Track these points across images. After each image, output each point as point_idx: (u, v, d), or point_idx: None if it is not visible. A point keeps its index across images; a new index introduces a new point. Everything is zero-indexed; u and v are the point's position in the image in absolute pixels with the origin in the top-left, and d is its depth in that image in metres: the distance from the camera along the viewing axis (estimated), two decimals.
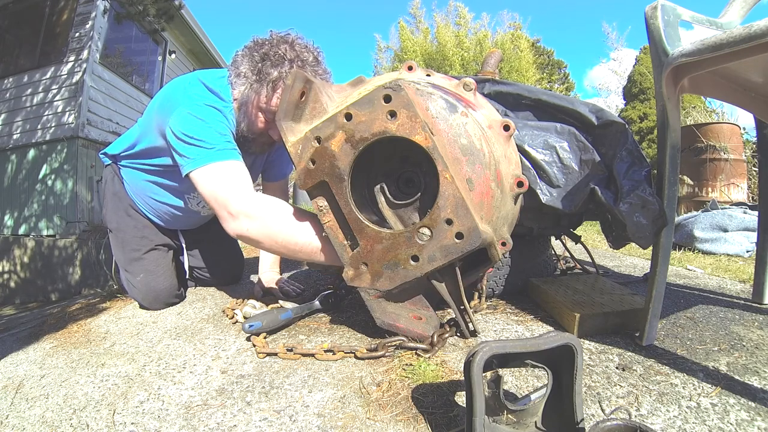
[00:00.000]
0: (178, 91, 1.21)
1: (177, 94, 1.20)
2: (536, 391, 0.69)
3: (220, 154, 1.10)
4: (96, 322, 1.38)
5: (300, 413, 0.78)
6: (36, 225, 5.02)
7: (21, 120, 5.15)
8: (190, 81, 1.23)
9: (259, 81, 1.13)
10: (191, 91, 1.18)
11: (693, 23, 0.97)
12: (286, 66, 1.11)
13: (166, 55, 6.83)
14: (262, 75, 1.12)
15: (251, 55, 1.14)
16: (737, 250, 2.15)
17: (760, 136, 1.25)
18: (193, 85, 1.20)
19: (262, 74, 1.12)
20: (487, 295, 1.27)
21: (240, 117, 1.21)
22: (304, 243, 1.04)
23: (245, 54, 1.16)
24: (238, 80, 1.17)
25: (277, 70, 1.10)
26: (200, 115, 1.13)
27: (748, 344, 0.99)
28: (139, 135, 1.36)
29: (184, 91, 1.19)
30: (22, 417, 0.83)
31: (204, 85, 1.19)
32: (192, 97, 1.16)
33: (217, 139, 1.12)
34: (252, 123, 1.20)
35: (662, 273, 0.95)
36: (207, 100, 1.17)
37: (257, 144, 1.27)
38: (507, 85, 1.20)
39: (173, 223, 1.53)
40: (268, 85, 1.12)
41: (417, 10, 10.05)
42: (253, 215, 1.03)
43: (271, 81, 1.11)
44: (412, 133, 0.87)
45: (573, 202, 1.07)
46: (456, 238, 0.88)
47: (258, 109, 1.17)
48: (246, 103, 1.18)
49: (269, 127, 1.21)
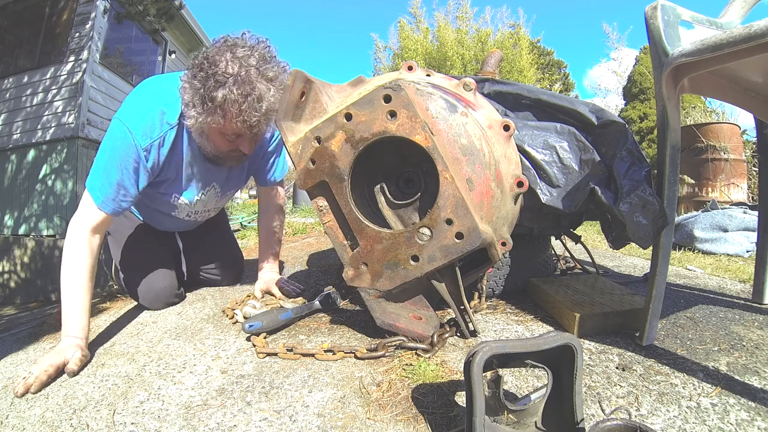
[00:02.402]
0: (129, 97, 1.20)
1: (126, 100, 1.20)
2: (536, 391, 0.69)
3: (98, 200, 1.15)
4: (96, 322, 1.38)
5: (300, 413, 0.78)
6: (36, 225, 5.02)
7: (21, 120, 5.15)
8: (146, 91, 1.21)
9: (206, 111, 1.08)
10: (132, 105, 1.17)
11: (693, 23, 0.97)
12: (230, 83, 1.04)
13: (166, 55, 6.83)
14: (207, 103, 1.07)
15: (191, 83, 1.08)
16: (737, 250, 2.15)
17: (760, 136, 1.25)
18: (141, 98, 1.19)
19: (207, 102, 1.06)
20: (487, 295, 1.27)
21: (202, 142, 1.21)
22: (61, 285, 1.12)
23: (187, 80, 1.10)
24: (186, 110, 1.12)
25: (221, 92, 1.04)
26: (110, 145, 1.14)
27: (748, 344, 0.99)
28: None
29: (129, 100, 1.18)
30: (22, 417, 0.83)
31: (153, 106, 1.17)
32: (126, 111, 1.15)
33: (110, 172, 1.14)
34: (216, 147, 1.20)
35: (662, 273, 0.95)
36: (135, 122, 1.14)
37: (229, 159, 1.28)
38: (507, 85, 1.20)
39: (168, 226, 1.53)
40: (216, 111, 1.08)
41: (417, 9, 10.06)
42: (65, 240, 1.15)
43: (218, 107, 1.06)
44: (412, 133, 0.87)
45: (573, 202, 1.07)
46: (456, 238, 0.88)
47: (217, 133, 1.16)
48: (202, 131, 1.16)
49: (237, 144, 1.20)
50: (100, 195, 1.14)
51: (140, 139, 1.15)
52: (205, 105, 1.07)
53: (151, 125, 1.17)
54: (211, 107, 1.07)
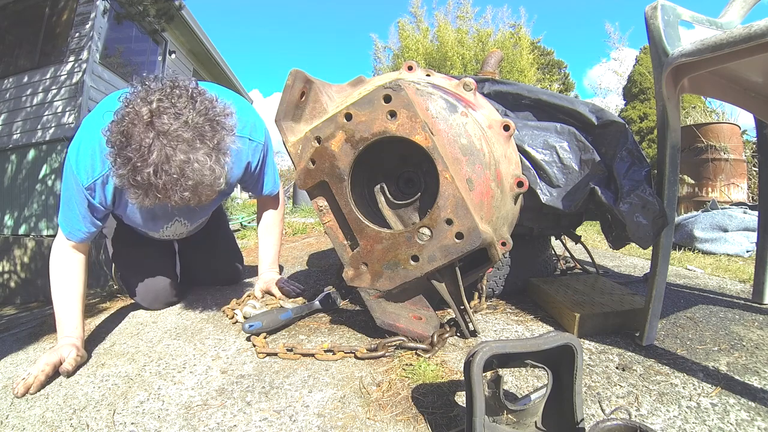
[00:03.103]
0: (79, 128, 1.14)
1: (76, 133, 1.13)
2: (536, 391, 0.69)
3: (65, 231, 1.17)
4: (96, 322, 1.38)
5: (300, 413, 0.78)
6: (36, 225, 5.02)
7: (21, 120, 5.15)
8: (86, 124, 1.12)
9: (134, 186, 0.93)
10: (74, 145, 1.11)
11: (693, 23, 0.97)
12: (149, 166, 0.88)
13: (166, 55, 6.82)
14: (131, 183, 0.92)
15: (113, 157, 0.93)
16: (737, 250, 2.15)
17: (760, 136, 1.25)
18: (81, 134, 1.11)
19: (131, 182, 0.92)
20: (487, 295, 1.27)
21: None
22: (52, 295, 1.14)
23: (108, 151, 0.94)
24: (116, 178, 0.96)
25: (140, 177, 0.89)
26: (64, 180, 1.14)
27: (748, 344, 0.99)
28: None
29: (76, 135, 1.12)
30: (22, 417, 0.83)
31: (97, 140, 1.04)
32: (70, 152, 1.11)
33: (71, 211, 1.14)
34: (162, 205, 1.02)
35: (662, 273, 0.95)
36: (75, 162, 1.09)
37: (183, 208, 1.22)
38: (507, 85, 1.20)
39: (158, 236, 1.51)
40: (144, 190, 0.93)
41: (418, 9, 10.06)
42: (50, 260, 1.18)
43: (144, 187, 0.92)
44: (412, 133, 0.87)
45: (573, 202, 1.07)
46: (456, 238, 0.88)
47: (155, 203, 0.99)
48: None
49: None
50: (66, 227, 1.16)
51: (83, 178, 1.09)
52: (131, 182, 0.93)
53: (91, 163, 1.08)
54: (137, 186, 0.93)
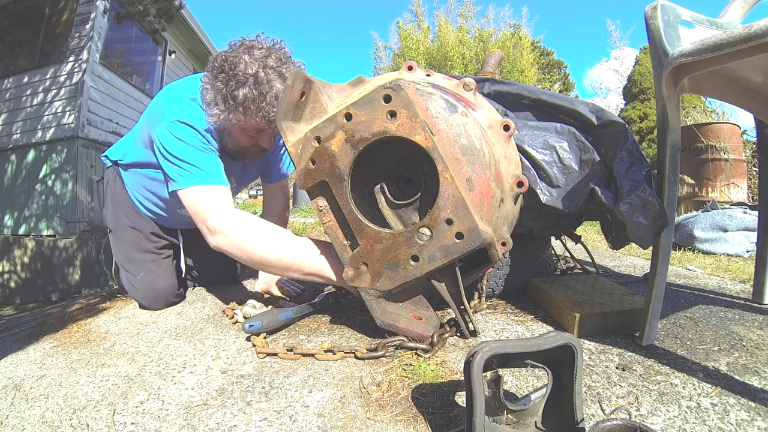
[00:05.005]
0: (164, 103, 1.23)
1: (162, 106, 1.22)
2: (536, 391, 0.69)
3: (200, 178, 1.15)
4: (96, 322, 1.38)
5: (300, 413, 0.78)
6: (36, 225, 5.02)
7: (21, 120, 5.15)
8: (175, 93, 1.24)
9: (228, 108, 1.14)
10: (173, 107, 1.19)
11: (693, 23, 0.97)
12: (250, 82, 1.11)
13: (166, 55, 6.83)
14: (229, 102, 1.12)
15: (213, 83, 1.14)
16: (737, 250, 2.15)
17: (760, 136, 1.25)
18: (176, 98, 1.21)
19: (228, 101, 1.12)
20: (487, 295, 1.27)
21: (224, 139, 1.24)
22: (277, 260, 1.08)
23: (208, 81, 1.16)
24: (208, 109, 1.17)
25: (242, 92, 1.10)
26: (180, 135, 1.15)
27: (748, 344, 0.99)
28: (131, 145, 1.41)
29: (168, 105, 1.21)
30: (22, 417, 0.83)
31: (188, 99, 1.20)
32: (173, 114, 1.17)
33: (198, 160, 1.16)
34: (236, 142, 1.25)
35: (662, 273, 0.95)
36: (186, 117, 1.17)
37: (249, 154, 1.32)
38: (507, 85, 1.20)
39: (173, 222, 1.53)
40: (237, 109, 1.13)
41: (418, 8, 10.05)
42: (227, 233, 1.10)
43: (240, 104, 1.12)
44: (412, 133, 0.87)
45: (573, 202, 1.07)
46: (456, 238, 0.88)
47: (238, 130, 1.21)
48: (224, 128, 1.21)
49: (258, 139, 1.24)
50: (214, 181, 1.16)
51: (198, 124, 1.18)
52: (227, 103, 1.13)
53: (197, 114, 1.20)
54: (232, 105, 1.12)
